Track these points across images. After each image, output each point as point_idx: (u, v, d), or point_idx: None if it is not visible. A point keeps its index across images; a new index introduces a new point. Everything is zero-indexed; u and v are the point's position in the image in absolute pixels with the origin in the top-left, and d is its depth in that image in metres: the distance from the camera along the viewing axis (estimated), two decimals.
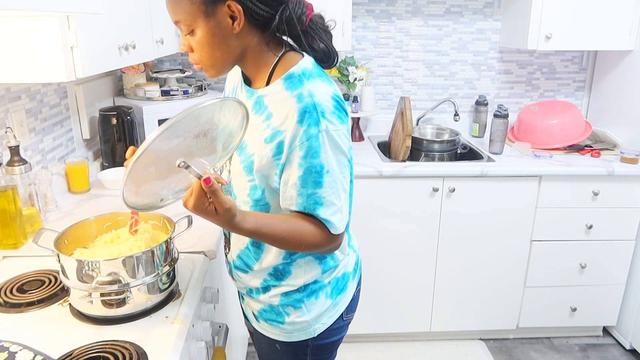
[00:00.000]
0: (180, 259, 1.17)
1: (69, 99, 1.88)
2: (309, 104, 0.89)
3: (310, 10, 0.97)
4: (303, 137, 0.89)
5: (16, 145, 1.38)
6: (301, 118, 0.89)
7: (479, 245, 2.27)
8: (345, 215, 0.99)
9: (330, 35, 1.01)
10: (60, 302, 1.10)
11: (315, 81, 0.93)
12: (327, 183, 0.93)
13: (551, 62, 2.69)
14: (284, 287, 1.07)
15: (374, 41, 2.61)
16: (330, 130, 0.91)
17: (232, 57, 0.95)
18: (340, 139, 0.93)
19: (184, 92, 2.21)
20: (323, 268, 1.07)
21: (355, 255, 1.19)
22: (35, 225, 1.44)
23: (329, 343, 1.13)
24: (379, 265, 2.27)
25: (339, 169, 0.94)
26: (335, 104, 0.93)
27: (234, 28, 0.91)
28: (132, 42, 1.49)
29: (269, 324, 1.11)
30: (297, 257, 1.05)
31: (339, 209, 0.96)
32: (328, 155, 0.91)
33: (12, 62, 1.17)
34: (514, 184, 2.19)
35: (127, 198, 0.85)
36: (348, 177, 0.99)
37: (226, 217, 0.85)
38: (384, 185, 2.17)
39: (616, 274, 2.34)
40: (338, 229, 0.97)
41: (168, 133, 0.79)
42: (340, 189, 0.95)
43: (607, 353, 2.42)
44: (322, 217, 0.94)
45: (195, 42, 0.93)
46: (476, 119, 2.66)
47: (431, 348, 2.41)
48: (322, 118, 0.89)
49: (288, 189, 0.94)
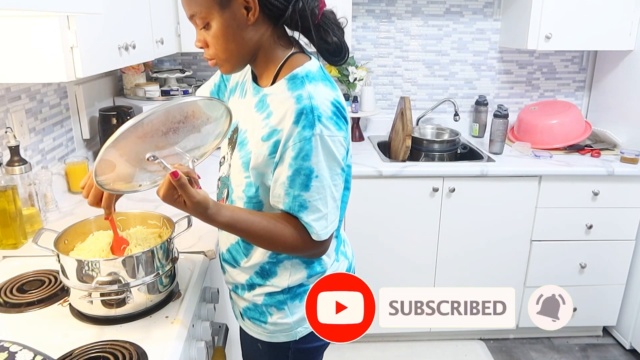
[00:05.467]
0: (180, 259, 1.17)
1: (69, 99, 1.88)
2: (306, 106, 0.89)
3: (323, 5, 0.97)
4: (296, 138, 0.89)
5: (16, 145, 1.38)
6: (297, 119, 0.89)
7: (479, 245, 2.27)
8: (332, 224, 0.97)
9: (342, 31, 1.00)
10: (60, 302, 1.10)
11: (317, 84, 0.93)
12: (314, 188, 0.92)
13: (551, 62, 2.69)
14: (268, 287, 1.07)
15: (374, 41, 2.61)
16: (325, 135, 0.90)
17: (246, 50, 0.96)
18: (335, 146, 0.92)
19: (184, 92, 2.21)
20: (309, 272, 1.06)
21: (348, 262, 1.17)
22: (35, 225, 1.44)
23: (311, 348, 1.12)
24: (379, 265, 2.27)
25: (330, 176, 0.93)
26: (335, 109, 0.92)
27: (249, 19, 0.92)
28: (132, 42, 1.49)
29: (253, 322, 1.12)
30: (284, 258, 1.05)
31: (324, 216, 0.94)
32: (319, 160, 0.91)
33: (12, 62, 1.16)
34: (514, 184, 2.19)
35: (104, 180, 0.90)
36: (340, 185, 0.97)
37: (196, 209, 0.87)
38: (384, 185, 2.17)
39: (616, 274, 2.34)
40: (320, 236, 0.95)
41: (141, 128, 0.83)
42: (328, 196, 0.94)
43: (607, 353, 2.41)
44: (304, 221, 0.94)
45: (210, 35, 0.94)
46: (476, 119, 2.66)
47: (431, 348, 2.41)
48: (317, 122, 0.89)
49: (277, 187, 0.95)
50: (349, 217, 2.20)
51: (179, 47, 2.10)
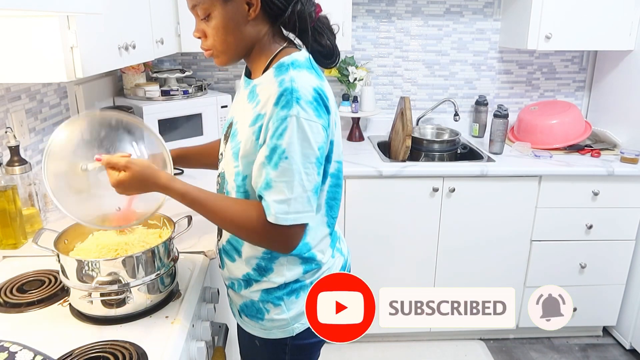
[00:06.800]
0: (180, 259, 1.17)
1: (69, 99, 1.88)
2: (287, 88, 0.91)
3: (319, 9, 1.02)
4: (274, 117, 0.91)
5: (16, 145, 1.38)
6: (277, 100, 0.91)
7: (479, 245, 2.27)
8: (297, 214, 0.93)
9: (334, 36, 1.05)
10: (60, 302, 1.10)
11: (302, 71, 0.95)
12: (281, 168, 0.91)
13: (551, 62, 2.69)
14: (264, 284, 1.07)
15: (374, 41, 2.61)
16: (302, 117, 0.90)
17: (244, 44, 1.00)
18: (312, 131, 0.91)
19: (184, 92, 2.21)
20: (305, 268, 1.07)
21: (343, 259, 1.18)
22: (35, 225, 1.44)
23: (308, 344, 1.13)
24: (379, 265, 2.27)
25: (301, 161, 0.91)
26: (316, 95, 0.93)
27: (250, 15, 0.96)
28: (132, 42, 1.49)
29: (250, 319, 1.12)
30: (279, 254, 1.05)
31: (286, 201, 0.92)
32: (292, 141, 0.90)
33: (12, 62, 1.16)
34: (514, 184, 2.19)
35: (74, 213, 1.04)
36: (313, 176, 0.94)
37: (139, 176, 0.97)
38: (384, 185, 2.17)
39: (616, 274, 2.34)
40: (277, 219, 0.92)
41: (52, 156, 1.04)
42: (295, 182, 0.91)
43: (607, 353, 2.42)
44: (265, 200, 0.93)
45: (210, 27, 0.97)
46: (476, 119, 2.66)
47: (431, 348, 2.41)
48: (295, 103, 0.90)
49: (255, 168, 0.95)
50: (349, 217, 2.20)
51: (179, 47, 2.10)
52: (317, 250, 1.07)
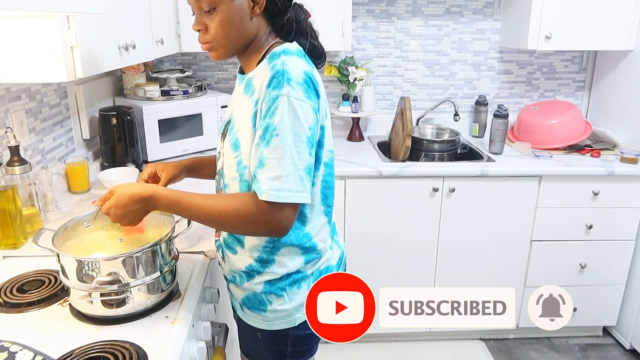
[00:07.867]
0: (180, 259, 1.17)
1: (69, 99, 1.88)
2: (278, 70, 0.94)
3: (308, 15, 1.08)
4: (267, 98, 0.94)
5: (16, 145, 1.38)
6: (270, 83, 0.94)
7: (479, 245, 2.27)
8: (289, 192, 0.93)
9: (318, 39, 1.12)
10: (60, 302, 1.10)
11: (293, 57, 0.99)
12: (272, 145, 0.92)
13: (551, 62, 2.69)
14: (267, 275, 1.08)
15: (374, 41, 2.61)
16: (292, 96, 0.93)
17: (244, 40, 1.02)
18: (302, 111, 0.93)
19: (184, 92, 2.21)
20: (306, 258, 1.09)
21: (340, 250, 1.21)
22: (35, 225, 1.44)
23: (309, 334, 1.13)
24: (379, 265, 2.27)
25: (292, 139, 0.93)
26: (306, 78, 0.96)
27: (254, 11, 1.00)
28: (132, 42, 1.49)
29: (252, 311, 1.13)
30: (281, 245, 1.06)
31: (277, 177, 0.92)
32: (284, 119, 0.92)
33: (12, 62, 1.16)
34: (514, 184, 2.19)
35: None
36: (305, 155, 0.95)
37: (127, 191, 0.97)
38: (384, 185, 2.17)
39: (616, 274, 2.34)
40: (270, 196, 0.92)
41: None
42: (287, 159, 0.92)
43: (607, 353, 2.42)
44: (257, 178, 0.94)
45: (214, 20, 0.99)
46: (476, 119, 2.66)
47: (431, 348, 2.41)
48: (286, 83, 0.93)
49: (253, 151, 0.97)
50: (349, 217, 2.20)
51: (179, 47, 2.10)
52: (317, 240, 1.09)
